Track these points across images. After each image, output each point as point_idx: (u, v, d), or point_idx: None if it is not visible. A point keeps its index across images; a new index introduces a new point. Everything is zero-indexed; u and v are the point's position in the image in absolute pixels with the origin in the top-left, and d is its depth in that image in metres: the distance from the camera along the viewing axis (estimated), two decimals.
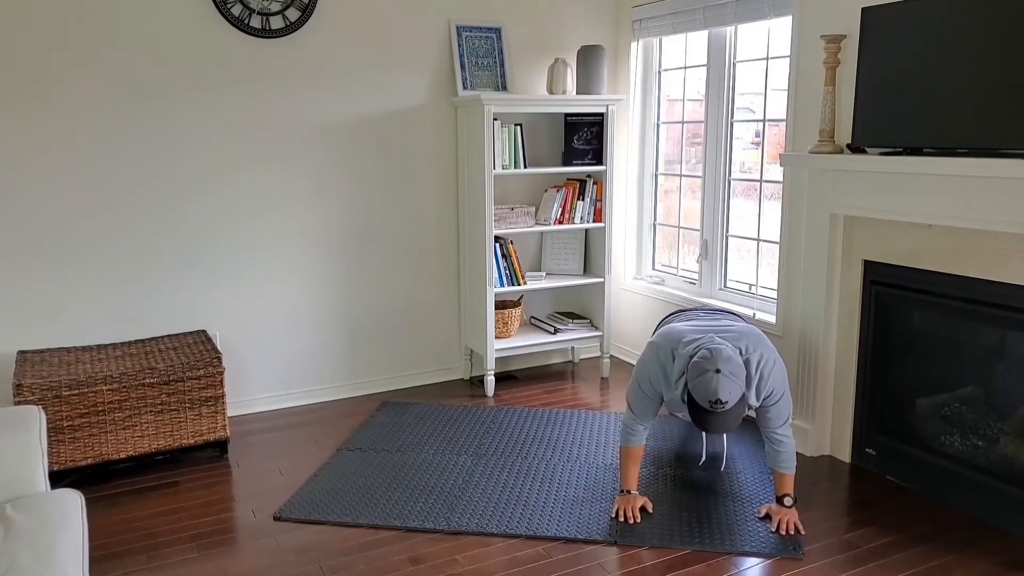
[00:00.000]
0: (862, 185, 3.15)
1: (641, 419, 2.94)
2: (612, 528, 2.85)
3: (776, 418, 2.85)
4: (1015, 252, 2.72)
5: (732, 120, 4.10)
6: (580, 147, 4.38)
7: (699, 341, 2.76)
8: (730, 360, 2.61)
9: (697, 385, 2.60)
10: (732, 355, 2.64)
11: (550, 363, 4.86)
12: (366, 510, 3.00)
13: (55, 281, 3.59)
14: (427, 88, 4.24)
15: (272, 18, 3.82)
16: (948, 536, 2.81)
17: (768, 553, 2.69)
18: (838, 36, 3.16)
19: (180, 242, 3.81)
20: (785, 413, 2.86)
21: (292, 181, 4.00)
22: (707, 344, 2.70)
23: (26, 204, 3.51)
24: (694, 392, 2.62)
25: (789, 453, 2.88)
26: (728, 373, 2.58)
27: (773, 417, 2.85)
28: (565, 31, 4.54)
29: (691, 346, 2.75)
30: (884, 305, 3.26)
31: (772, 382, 2.80)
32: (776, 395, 2.82)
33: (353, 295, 4.24)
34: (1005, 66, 2.62)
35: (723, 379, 2.57)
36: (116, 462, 3.30)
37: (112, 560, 2.70)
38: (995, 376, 2.93)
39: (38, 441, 2.30)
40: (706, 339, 2.75)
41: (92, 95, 3.55)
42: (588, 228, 4.52)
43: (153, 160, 3.71)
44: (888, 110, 3.01)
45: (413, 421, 3.88)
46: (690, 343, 2.78)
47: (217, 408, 3.44)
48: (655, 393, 2.89)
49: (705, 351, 2.65)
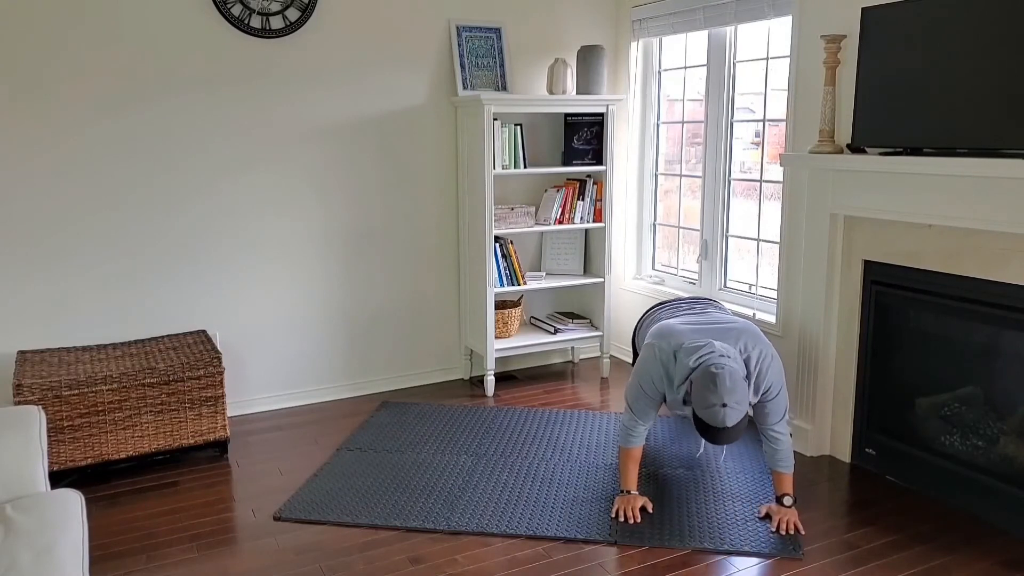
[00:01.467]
0: (862, 185, 3.15)
1: (642, 419, 2.95)
2: (612, 528, 2.85)
3: (773, 414, 2.86)
4: (1015, 252, 2.72)
5: (732, 120, 4.10)
6: (580, 147, 4.38)
7: (701, 351, 2.74)
8: (735, 390, 2.60)
9: (705, 415, 2.62)
10: (736, 378, 2.62)
11: (550, 363, 4.86)
12: (366, 510, 3.00)
13: (55, 281, 3.60)
14: (427, 88, 4.24)
15: (272, 18, 3.82)
16: (948, 536, 2.81)
17: (768, 553, 2.69)
18: (838, 36, 3.16)
19: (180, 242, 3.81)
20: (782, 409, 2.87)
21: (292, 181, 4.00)
22: (710, 361, 2.68)
23: (26, 204, 3.51)
24: (701, 415, 2.63)
25: (786, 451, 2.89)
26: (734, 404, 2.59)
27: (771, 412, 2.86)
28: (565, 31, 4.54)
29: (693, 356, 2.73)
30: (884, 305, 3.26)
31: (770, 377, 2.81)
32: (774, 391, 2.83)
33: (353, 295, 4.24)
34: (1005, 66, 2.62)
35: (730, 411, 2.58)
36: (116, 462, 3.30)
37: (112, 560, 2.70)
38: (995, 376, 2.93)
39: (38, 441, 2.30)
40: (707, 351, 2.73)
41: (92, 95, 3.55)
42: (588, 228, 4.52)
43: (153, 160, 3.71)
44: (888, 110, 3.01)
45: (413, 421, 3.88)
46: (692, 351, 2.76)
47: (217, 408, 3.44)
48: (657, 393, 2.90)
49: (709, 376, 2.62)
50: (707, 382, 2.61)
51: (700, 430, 2.68)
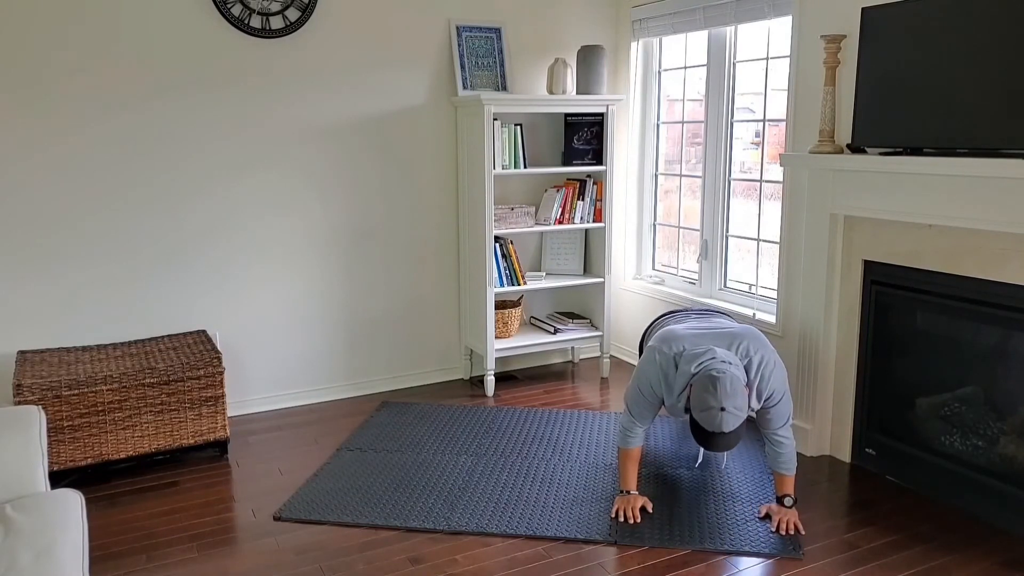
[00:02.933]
0: (862, 185, 3.15)
1: (639, 421, 2.95)
2: (612, 528, 2.85)
3: (776, 419, 2.86)
4: (1015, 252, 2.72)
5: (732, 120, 4.10)
6: (580, 147, 4.38)
7: (702, 358, 2.74)
8: (735, 395, 2.59)
9: (703, 418, 2.61)
10: (737, 384, 2.62)
11: (550, 363, 4.86)
12: (366, 510, 3.00)
13: (55, 281, 3.60)
14: (427, 88, 4.24)
15: (272, 18, 3.82)
16: (948, 536, 2.81)
17: (768, 553, 2.69)
18: (838, 36, 3.16)
19: (180, 242, 3.81)
20: (785, 414, 2.86)
21: (292, 181, 4.00)
22: (710, 367, 2.67)
23: (26, 204, 3.51)
24: (699, 420, 2.63)
25: (790, 454, 2.89)
26: (733, 409, 2.58)
27: (773, 418, 2.85)
28: (565, 31, 4.54)
29: (694, 363, 2.73)
30: (884, 305, 3.26)
31: (773, 383, 2.80)
32: (776, 396, 2.82)
33: (353, 295, 4.24)
34: (1005, 66, 2.62)
35: (728, 416, 2.58)
36: (116, 462, 3.30)
37: (112, 560, 2.70)
38: (995, 376, 2.93)
39: (38, 441, 2.30)
40: (708, 357, 2.73)
41: (92, 95, 3.55)
42: (588, 228, 4.52)
43: (153, 160, 3.71)
44: (888, 110, 3.01)
45: (413, 421, 3.88)
46: (693, 359, 2.76)
47: (217, 408, 3.44)
48: (655, 398, 2.90)
49: (709, 379, 2.62)
50: (707, 384, 2.61)
51: (697, 437, 2.68)
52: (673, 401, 2.84)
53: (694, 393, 2.65)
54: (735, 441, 2.66)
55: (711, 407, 2.58)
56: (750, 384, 2.77)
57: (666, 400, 2.88)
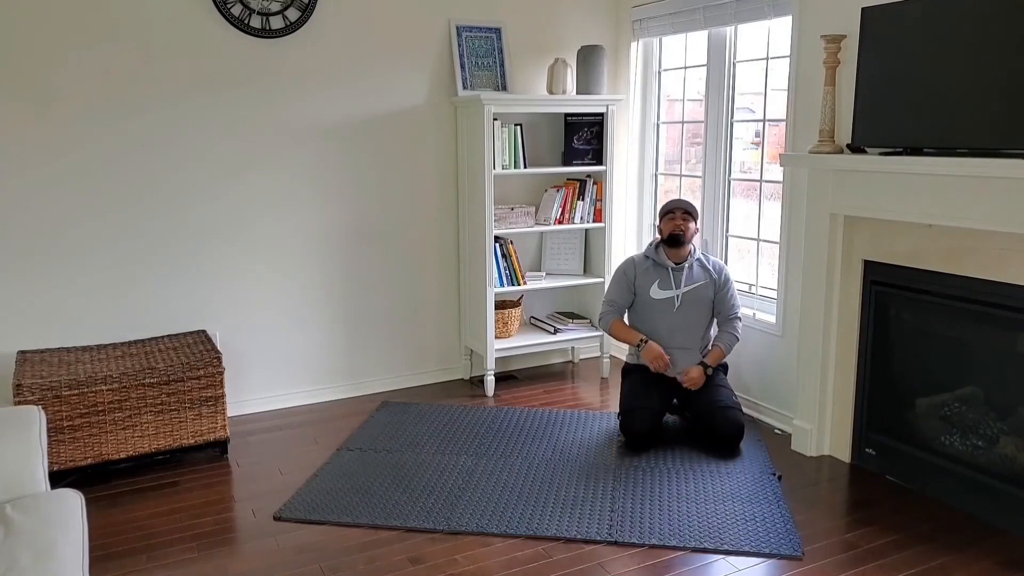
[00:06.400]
0: (862, 185, 3.15)
1: (616, 300, 3.69)
2: (611, 523, 2.85)
3: (732, 299, 3.62)
4: (1015, 252, 2.72)
5: (732, 120, 4.10)
6: (580, 147, 4.38)
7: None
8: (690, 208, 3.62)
9: (666, 207, 3.64)
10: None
11: (550, 363, 4.86)
12: (366, 510, 3.00)
13: (55, 281, 3.59)
14: (427, 88, 4.24)
15: (272, 18, 3.82)
16: (948, 536, 2.81)
17: (768, 553, 2.69)
18: (838, 36, 3.16)
19: (180, 242, 3.81)
20: (737, 305, 3.64)
21: (292, 181, 4.00)
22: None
23: (26, 205, 3.51)
24: (662, 222, 3.62)
25: (732, 341, 3.62)
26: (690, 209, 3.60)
27: (731, 296, 3.61)
28: (565, 31, 4.54)
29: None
30: (884, 305, 3.26)
31: (725, 271, 3.66)
32: (729, 281, 3.62)
33: (353, 295, 4.24)
34: (1005, 66, 2.62)
35: (683, 200, 3.63)
36: (116, 462, 3.30)
37: (112, 560, 2.70)
38: (995, 376, 2.93)
39: (38, 441, 2.30)
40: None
41: (92, 96, 3.55)
42: (588, 228, 4.52)
43: (152, 160, 3.71)
44: (888, 110, 3.00)
45: (413, 421, 3.88)
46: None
47: (217, 408, 3.44)
48: (626, 279, 3.67)
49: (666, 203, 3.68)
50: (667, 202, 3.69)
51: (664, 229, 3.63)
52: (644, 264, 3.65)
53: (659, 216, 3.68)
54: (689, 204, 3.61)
55: (672, 208, 3.60)
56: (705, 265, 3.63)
57: (636, 275, 3.65)
